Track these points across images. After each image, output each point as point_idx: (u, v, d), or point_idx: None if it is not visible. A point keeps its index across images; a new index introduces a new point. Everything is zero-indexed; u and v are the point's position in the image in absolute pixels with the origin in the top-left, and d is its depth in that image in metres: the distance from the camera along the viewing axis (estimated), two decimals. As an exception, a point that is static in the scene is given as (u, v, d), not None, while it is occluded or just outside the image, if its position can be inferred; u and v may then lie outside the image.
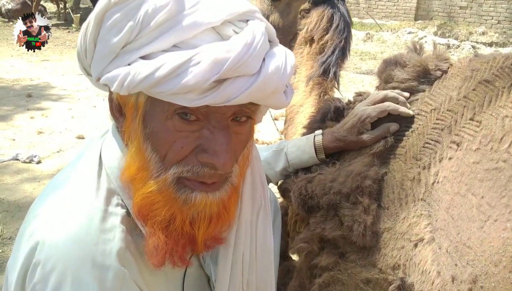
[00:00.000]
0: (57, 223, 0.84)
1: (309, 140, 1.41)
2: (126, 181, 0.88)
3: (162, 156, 0.84)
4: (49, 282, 0.80)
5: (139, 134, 0.85)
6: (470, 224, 0.99)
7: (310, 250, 1.31)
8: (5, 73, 7.24)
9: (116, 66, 0.80)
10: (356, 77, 7.73)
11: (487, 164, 1.02)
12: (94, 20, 0.81)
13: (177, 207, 0.86)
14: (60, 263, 0.80)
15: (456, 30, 12.74)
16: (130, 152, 0.87)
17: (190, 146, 0.84)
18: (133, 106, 0.85)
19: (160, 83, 0.76)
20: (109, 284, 0.82)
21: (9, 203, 3.25)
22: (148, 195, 0.85)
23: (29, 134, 4.64)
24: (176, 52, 0.77)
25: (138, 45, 0.79)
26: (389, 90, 1.33)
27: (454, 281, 1.00)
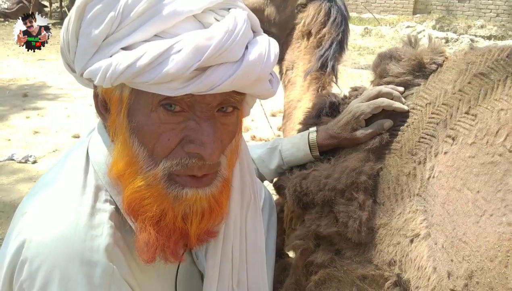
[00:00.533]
0: (44, 221, 0.84)
1: (303, 138, 1.41)
2: (115, 176, 0.87)
3: (150, 150, 0.83)
4: (37, 279, 0.79)
5: (124, 128, 0.84)
6: (466, 219, 0.98)
7: (305, 247, 1.30)
8: (1, 73, 7.22)
9: (98, 59, 0.79)
10: (354, 72, 7.72)
11: (482, 158, 1.01)
12: (75, 14, 0.80)
13: (168, 203, 0.85)
14: (48, 260, 0.80)
15: (455, 23, 12.72)
16: (117, 147, 0.86)
17: (176, 138, 0.83)
18: (118, 101, 0.85)
19: (142, 72, 0.75)
20: (97, 280, 0.82)
21: (5, 204, 3.23)
22: (138, 189, 0.84)
23: (25, 134, 4.63)
24: (157, 41, 0.77)
25: (119, 36, 0.78)
26: (383, 86, 1.31)
27: (450, 277, 0.99)
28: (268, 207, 1.48)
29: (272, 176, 1.50)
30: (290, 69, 1.98)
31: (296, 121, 1.77)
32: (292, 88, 1.92)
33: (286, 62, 2.01)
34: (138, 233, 0.87)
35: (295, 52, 1.98)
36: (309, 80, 1.84)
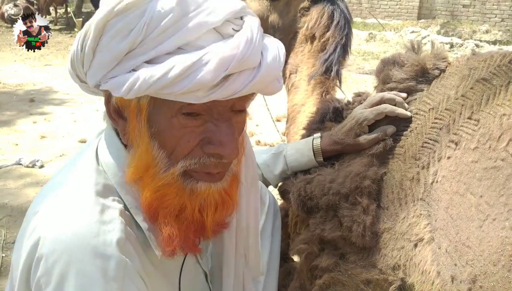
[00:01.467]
0: (57, 218, 0.86)
1: (307, 143, 1.42)
2: (134, 179, 0.91)
3: (170, 152, 0.88)
4: (53, 275, 0.81)
5: (145, 134, 0.88)
6: (469, 224, 0.99)
7: (310, 251, 1.31)
8: (8, 79, 7.26)
9: (118, 72, 0.82)
10: (359, 78, 7.71)
11: (485, 163, 1.01)
12: (94, 29, 0.82)
13: (186, 196, 0.91)
14: (63, 256, 0.82)
15: (460, 28, 12.69)
16: (137, 152, 0.90)
17: (195, 140, 0.88)
18: (136, 108, 0.88)
19: (172, 84, 0.78)
20: (112, 273, 0.84)
21: (12, 208, 3.25)
22: (158, 189, 0.89)
23: (32, 139, 4.65)
24: (184, 54, 0.80)
25: (142, 50, 0.81)
26: (386, 92, 1.32)
27: (453, 281, 0.99)
28: (272, 211, 1.51)
29: (277, 181, 1.52)
30: (294, 73, 1.98)
31: (299, 126, 1.78)
32: (296, 92, 1.92)
33: (290, 66, 2.01)
34: (162, 228, 0.91)
35: (298, 56, 1.98)
36: (313, 85, 1.84)
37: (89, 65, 0.86)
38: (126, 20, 0.80)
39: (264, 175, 1.50)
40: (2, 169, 3.90)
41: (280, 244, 1.50)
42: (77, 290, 0.81)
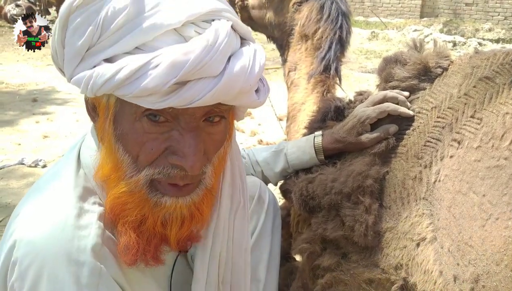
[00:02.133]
0: (33, 221, 0.85)
1: (309, 141, 1.42)
2: (100, 180, 0.89)
3: (134, 157, 0.84)
4: (26, 279, 0.81)
5: (110, 135, 0.85)
6: (472, 223, 0.98)
7: (312, 250, 1.30)
8: (10, 78, 7.27)
9: (82, 68, 0.80)
10: (361, 76, 7.70)
11: (488, 162, 1.01)
12: (59, 23, 0.81)
13: (149, 208, 0.87)
14: (36, 260, 0.81)
15: (462, 27, 12.64)
16: (103, 152, 0.88)
17: (159, 148, 0.83)
18: (105, 107, 0.86)
19: (121, 85, 0.76)
20: (85, 280, 0.82)
21: (15, 207, 3.25)
22: (120, 195, 0.86)
23: (35, 139, 4.66)
24: (137, 55, 0.77)
25: (101, 48, 0.79)
26: (388, 91, 1.32)
27: (456, 281, 0.99)
28: (272, 210, 1.49)
29: (277, 179, 1.52)
30: (293, 71, 1.97)
31: (300, 124, 1.77)
32: (296, 91, 1.92)
33: (289, 63, 2.00)
34: (119, 236, 0.88)
35: (296, 54, 1.96)
36: (313, 83, 1.83)
37: (62, 59, 0.85)
38: (83, 16, 0.78)
39: (264, 173, 1.50)
40: (4, 169, 3.90)
41: (280, 243, 1.49)
42: None
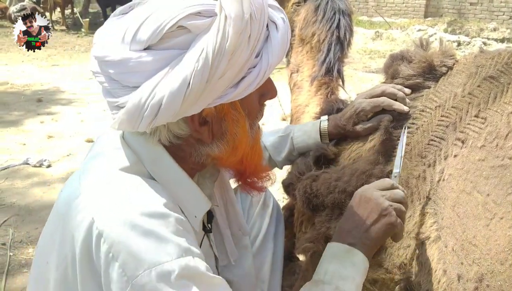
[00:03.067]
0: (106, 195, 0.90)
1: (315, 126, 1.48)
2: (237, 161, 1.03)
3: (251, 120, 1.00)
4: (120, 243, 0.83)
5: (242, 118, 0.97)
6: (476, 222, 0.98)
7: (315, 250, 1.30)
8: (15, 79, 7.30)
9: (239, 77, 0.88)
10: (365, 76, 7.69)
11: (492, 161, 1.00)
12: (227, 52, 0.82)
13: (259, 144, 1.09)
14: (123, 225, 0.84)
15: (467, 26, 12.59)
16: (235, 138, 0.98)
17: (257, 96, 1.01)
18: (229, 103, 0.92)
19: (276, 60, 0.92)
20: (173, 227, 0.87)
21: (20, 207, 3.27)
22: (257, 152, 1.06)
23: (39, 139, 4.67)
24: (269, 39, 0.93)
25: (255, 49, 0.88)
26: (389, 85, 1.33)
27: (460, 280, 0.99)
28: (276, 215, 1.55)
29: (284, 163, 1.57)
30: (295, 72, 1.97)
31: (303, 126, 1.77)
32: (299, 93, 1.91)
33: (291, 65, 2.00)
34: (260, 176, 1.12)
35: (298, 56, 1.96)
36: (316, 85, 1.82)
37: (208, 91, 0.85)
38: (248, 29, 0.84)
39: (272, 157, 1.55)
40: (9, 169, 3.92)
41: (283, 245, 1.53)
42: (149, 249, 0.82)
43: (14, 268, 2.61)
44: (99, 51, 0.88)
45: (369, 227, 1.05)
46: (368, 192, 1.09)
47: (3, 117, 5.37)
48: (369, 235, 1.04)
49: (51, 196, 3.46)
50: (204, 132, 0.95)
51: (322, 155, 1.42)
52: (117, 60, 0.84)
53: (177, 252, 0.83)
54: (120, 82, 0.87)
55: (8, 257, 2.69)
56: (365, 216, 1.06)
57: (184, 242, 0.86)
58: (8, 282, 2.50)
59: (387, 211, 1.05)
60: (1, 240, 2.87)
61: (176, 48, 0.83)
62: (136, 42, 0.83)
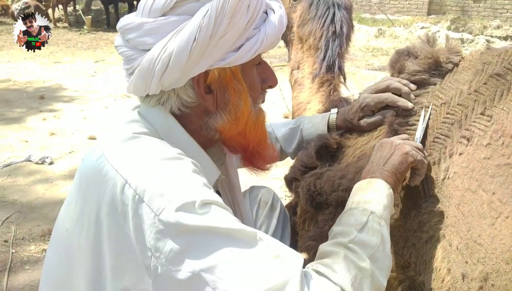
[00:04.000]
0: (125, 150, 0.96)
1: (324, 119, 1.51)
2: (234, 134, 1.08)
3: (253, 96, 1.07)
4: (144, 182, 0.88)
5: (244, 90, 1.04)
6: (481, 221, 0.97)
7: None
8: (18, 76, 7.31)
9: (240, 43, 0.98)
10: (368, 74, 7.67)
11: (498, 159, 1.00)
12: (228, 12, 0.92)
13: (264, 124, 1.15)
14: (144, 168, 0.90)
15: (470, 24, 12.55)
16: (237, 109, 1.04)
17: (259, 80, 1.09)
18: (231, 75, 1.01)
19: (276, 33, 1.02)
20: (191, 167, 0.94)
21: (22, 204, 3.27)
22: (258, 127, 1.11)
23: (42, 136, 4.68)
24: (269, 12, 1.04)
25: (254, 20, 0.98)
26: (395, 79, 1.32)
27: (464, 279, 0.98)
28: (282, 218, 1.58)
29: (295, 153, 1.59)
30: (296, 69, 1.95)
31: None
32: (301, 90, 1.90)
33: (292, 62, 1.98)
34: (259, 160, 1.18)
35: (298, 53, 1.94)
36: (318, 83, 1.81)
37: (211, 48, 0.95)
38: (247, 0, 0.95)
39: (283, 149, 1.58)
40: (12, 166, 3.93)
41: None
42: (170, 184, 0.87)
43: (16, 265, 2.62)
44: (122, 22, 1.00)
45: (386, 161, 1.13)
46: (386, 139, 1.19)
47: (6, 115, 5.38)
48: (386, 166, 1.11)
49: (54, 193, 3.47)
50: (209, 100, 1.02)
51: (324, 145, 1.41)
52: (136, 25, 0.96)
53: (197, 185, 0.89)
54: (137, 46, 0.98)
55: (10, 254, 2.69)
56: (381, 155, 1.14)
57: (202, 178, 0.93)
58: (10, 279, 2.51)
59: (399, 145, 1.13)
60: (3, 237, 2.87)
61: (186, 14, 0.94)
62: (152, 11, 0.95)
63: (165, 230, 0.83)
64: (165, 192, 0.85)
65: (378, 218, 1.02)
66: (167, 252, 0.82)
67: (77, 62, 8.52)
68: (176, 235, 0.83)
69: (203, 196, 0.86)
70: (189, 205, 0.84)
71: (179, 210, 0.83)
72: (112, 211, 0.89)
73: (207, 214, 0.85)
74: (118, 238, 0.89)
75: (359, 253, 0.94)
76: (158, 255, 0.83)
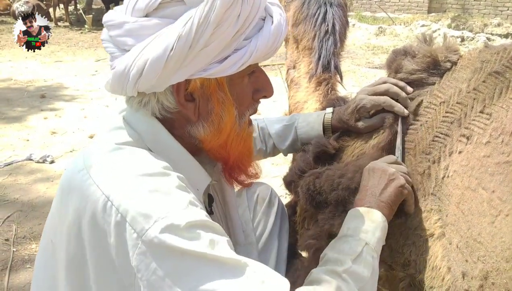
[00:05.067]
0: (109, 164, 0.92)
1: (319, 118, 1.48)
2: (220, 144, 1.03)
3: (240, 109, 1.02)
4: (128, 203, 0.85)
5: (229, 102, 0.99)
6: (481, 219, 0.97)
7: (318, 246, 1.29)
8: (19, 75, 7.32)
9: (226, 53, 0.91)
10: (368, 72, 7.66)
11: (497, 158, 0.99)
12: (212, 23, 0.86)
13: (249, 140, 1.10)
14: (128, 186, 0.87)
15: (471, 22, 12.51)
16: (220, 120, 1.00)
17: (251, 91, 1.04)
18: (216, 85, 0.96)
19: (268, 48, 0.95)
20: (177, 183, 0.90)
21: (23, 203, 3.28)
22: (243, 140, 1.06)
23: (43, 135, 4.69)
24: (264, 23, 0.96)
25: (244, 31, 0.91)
26: (392, 82, 1.31)
27: (464, 277, 0.98)
28: (280, 214, 1.57)
29: (288, 151, 1.58)
30: (292, 68, 1.94)
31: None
32: (297, 89, 1.89)
33: (287, 61, 1.97)
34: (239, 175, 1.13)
35: (294, 53, 1.93)
36: (315, 82, 1.80)
37: (190, 59, 0.89)
38: (237, 8, 0.88)
39: (276, 145, 1.56)
40: (13, 165, 3.93)
41: (287, 244, 1.54)
42: (155, 203, 0.84)
43: (17, 264, 2.62)
44: (106, 18, 0.96)
45: (381, 191, 1.13)
46: (375, 164, 1.18)
47: (7, 113, 5.38)
48: (382, 198, 1.12)
49: (54, 191, 3.45)
50: (190, 108, 0.98)
51: (322, 152, 1.41)
52: (117, 22, 0.92)
53: (182, 204, 0.86)
54: (118, 45, 0.93)
55: (11, 253, 2.70)
56: (376, 183, 1.14)
57: (187, 195, 0.89)
58: (11, 277, 2.51)
59: (394, 175, 1.14)
60: (5, 235, 2.88)
61: (169, 17, 0.88)
62: (136, 10, 0.90)
63: (148, 251, 0.81)
64: (148, 212, 0.82)
65: (371, 250, 1.03)
66: (149, 274, 0.81)
67: (78, 61, 8.52)
68: (160, 258, 0.81)
69: (188, 217, 0.83)
70: (174, 226, 0.81)
71: (163, 232, 0.81)
72: (93, 228, 0.87)
73: (193, 237, 0.82)
74: (101, 255, 0.87)
75: (351, 284, 0.95)
76: (140, 276, 0.82)
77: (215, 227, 0.89)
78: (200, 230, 0.84)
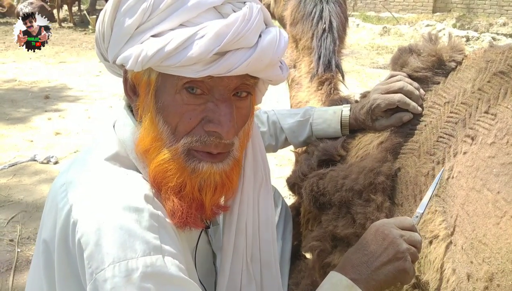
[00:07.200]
0: (85, 183, 0.91)
1: (336, 115, 1.47)
2: (141, 151, 0.96)
3: (173, 128, 0.92)
4: (91, 234, 0.83)
5: (151, 108, 0.93)
6: (486, 220, 0.96)
7: (322, 248, 1.29)
8: (23, 76, 7.34)
9: (130, 46, 0.89)
10: (373, 72, 7.65)
11: (503, 158, 0.99)
12: (111, 6, 0.90)
13: (187, 175, 0.94)
14: (97, 215, 0.84)
15: (476, 21, 12.48)
16: (144, 125, 0.95)
17: (197, 118, 0.92)
18: (146, 84, 0.94)
19: (169, 56, 0.85)
20: (147, 223, 0.85)
21: (27, 204, 3.29)
22: (161, 162, 0.93)
23: (47, 136, 4.70)
24: (182, 29, 0.86)
25: (150, 25, 0.88)
26: (406, 81, 1.30)
27: (469, 279, 0.97)
28: (284, 215, 1.56)
29: (301, 145, 1.57)
30: (292, 68, 1.93)
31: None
32: (299, 89, 1.88)
33: (287, 60, 1.96)
34: (164, 202, 0.94)
35: (294, 52, 1.92)
36: (316, 82, 1.78)
37: (108, 40, 0.94)
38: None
39: (288, 139, 1.55)
40: (17, 165, 3.95)
41: (291, 244, 1.53)
42: (116, 243, 0.81)
43: (22, 264, 2.63)
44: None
45: (379, 267, 0.98)
46: (386, 227, 1.02)
47: (11, 114, 5.41)
48: (377, 275, 0.98)
49: (58, 192, 3.48)
50: (133, 102, 0.99)
51: (327, 159, 1.40)
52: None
53: (144, 249, 0.82)
54: None
55: (16, 253, 2.70)
56: (378, 254, 0.99)
57: (155, 239, 0.85)
58: (15, 278, 2.52)
59: (403, 254, 0.98)
60: (9, 236, 2.89)
61: None
62: None
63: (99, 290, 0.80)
64: (107, 250, 0.81)
65: None
66: None
67: (82, 62, 8.54)
68: None
69: (146, 265, 0.81)
70: (128, 273, 0.80)
71: (115, 277, 0.79)
72: (61, 246, 0.87)
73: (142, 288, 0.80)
74: (67, 272, 0.88)
75: None
76: None
77: (178, 283, 0.85)
78: (152, 283, 0.81)
